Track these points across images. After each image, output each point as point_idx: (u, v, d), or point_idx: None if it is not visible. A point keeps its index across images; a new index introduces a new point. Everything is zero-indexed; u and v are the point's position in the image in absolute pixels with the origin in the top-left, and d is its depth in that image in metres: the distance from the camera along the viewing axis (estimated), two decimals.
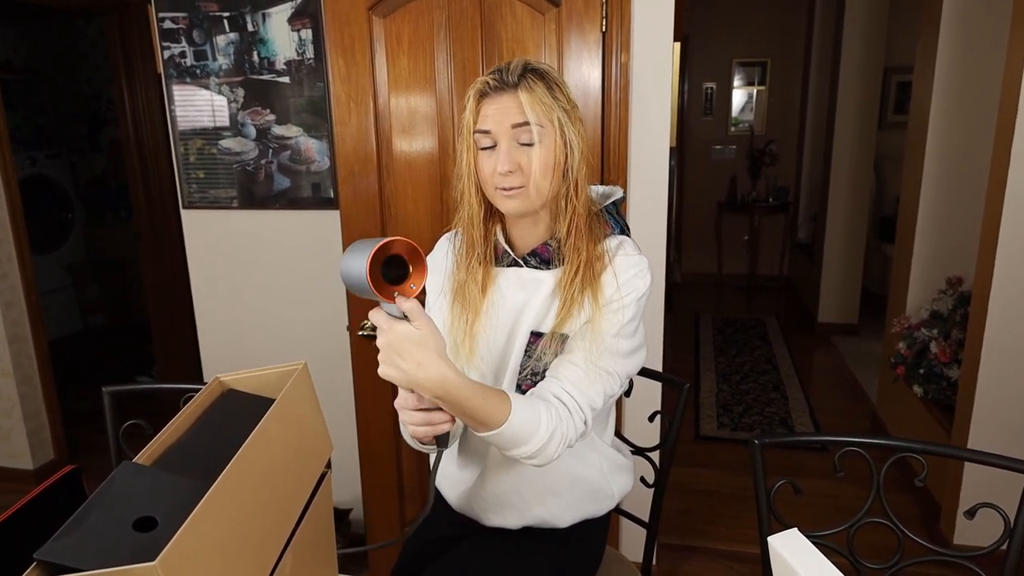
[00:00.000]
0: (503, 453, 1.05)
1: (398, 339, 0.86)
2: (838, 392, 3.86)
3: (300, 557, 0.80)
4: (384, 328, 0.87)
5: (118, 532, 0.60)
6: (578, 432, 1.07)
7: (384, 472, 2.07)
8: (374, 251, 0.80)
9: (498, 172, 1.05)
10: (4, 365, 2.90)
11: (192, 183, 2.31)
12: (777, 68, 5.74)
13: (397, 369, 0.88)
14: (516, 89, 1.04)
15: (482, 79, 1.07)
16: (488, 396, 0.96)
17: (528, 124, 1.04)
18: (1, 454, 3.02)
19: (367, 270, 0.81)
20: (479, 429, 0.98)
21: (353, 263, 0.83)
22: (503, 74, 1.06)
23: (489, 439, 1.00)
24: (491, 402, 0.96)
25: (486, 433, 0.98)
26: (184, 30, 2.18)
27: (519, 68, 1.05)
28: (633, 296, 1.10)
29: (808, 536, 1.10)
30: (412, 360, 0.87)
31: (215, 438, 0.78)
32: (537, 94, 1.04)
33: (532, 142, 1.05)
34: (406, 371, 0.88)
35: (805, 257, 5.39)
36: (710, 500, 2.77)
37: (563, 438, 1.04)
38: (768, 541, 0.73)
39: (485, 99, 1.07)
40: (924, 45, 2.90)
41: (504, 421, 0.97)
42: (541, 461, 1.04)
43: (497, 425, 0.97)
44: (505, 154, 1.05)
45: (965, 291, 2.76)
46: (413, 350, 0.87)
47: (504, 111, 1.05)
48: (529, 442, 1.01)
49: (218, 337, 2.45)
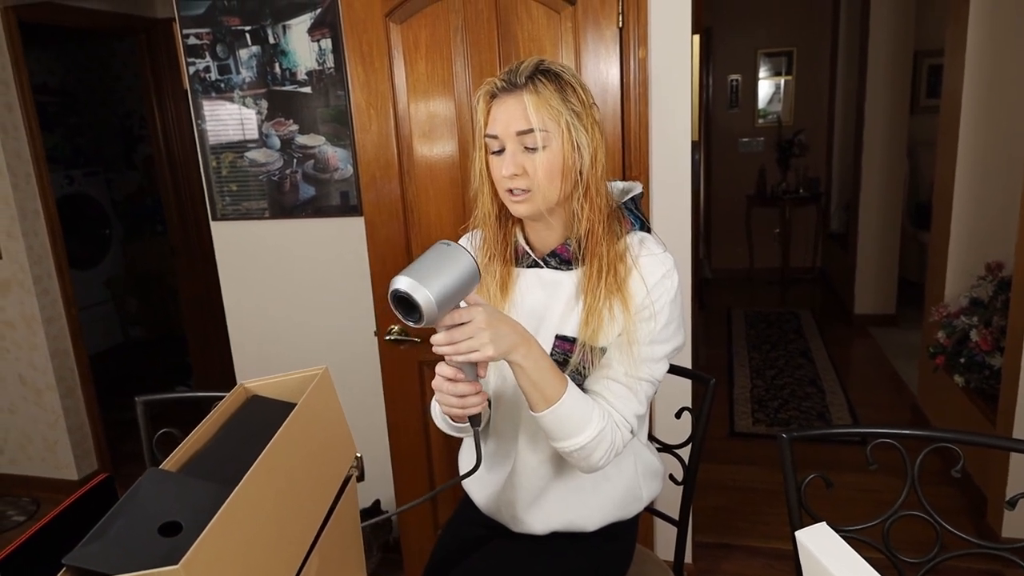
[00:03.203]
0: (553, 444, 1.08)
1: (491, 316, 0.95)
2: (877, 384, 3.77)
3: (326, 559, 0.80)
4: (467, 316, 0.94)
5: (144, 537, 0.61)
6: (625, 441, 1.10)
7: (416, 474, 2.08)
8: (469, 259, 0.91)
9: (503, 176, 1.06)
10: (48, 379, 2.99)
11: (226, 196, 2.34)
12: (803, 57, 5.64)
13: (507, 337, 0.96)
14: (523, 91, 1.03)
15: (491, 80, 1.07)
16: (553, 363, 1.04)
17: (532, 131, 1.03)
18: (47, 465, 3.11)
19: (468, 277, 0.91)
20: (539, 405, 1.03)
21: (451, 276, 0.90)
22: (513, 75, 1.05)
23: (544, 418, 1.04)
24: (556, 370, 1.04)
25: (544, 410, 1.03)
26: (208, 45, 2.22)
27: (529, 69, 1.05)
28: (665, 299, 1.10)
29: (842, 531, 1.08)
30: (511, 324, 0.98)
31: (240, 444, 0.80)
32: (544, 97, 1.03)
33: (536, 147, 1.04)
34: (511, 334, 0.97)
35: (838, 248, 5.28)
36: (747, 497, 2.73)
37: (611, 445, 1.08)
38: (796, 536, 0.71)
39: (495, 100, 1.07)
40: (954, 27, 2.83)
41: (561, 395, 1.02)
42: (589, 465, 1.08)
43: (556, 399, 1.02)
44: (510, 158, 1.05)
45: (1006, 276, 2.68)
46: (505, 318, 0.98)
47: (510, 116, 1.04)
48: (580, 434, 1.04)
49: (250, 345, 2.49)
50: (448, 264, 0.90)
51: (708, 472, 2.88)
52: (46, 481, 3.12)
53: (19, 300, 2.92)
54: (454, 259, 0.90)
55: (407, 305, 0.89)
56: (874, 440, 1.13)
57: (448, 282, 0.89)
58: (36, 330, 2.94)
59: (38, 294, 2.91)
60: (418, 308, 0.88)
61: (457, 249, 0.92)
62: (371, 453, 2.37)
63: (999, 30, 2.66)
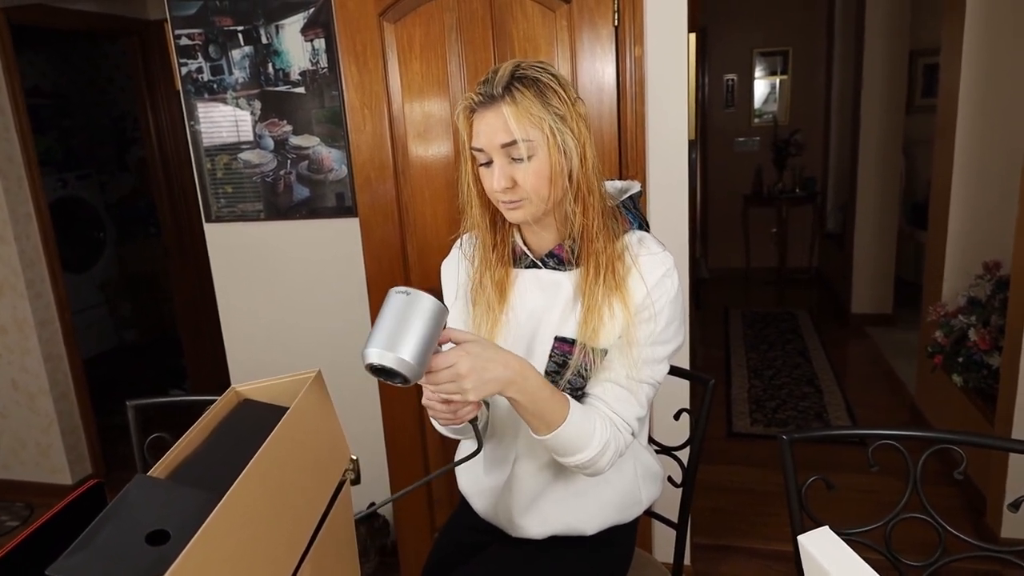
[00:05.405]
0: (559, 460, 1.08)
1: (477, 359, 0.92)
2: (875, 384, 3.77)
3: (319, 567, 0.79)
4: (449, 362, 0.91)
5: (130, 547, 0.60)
6: (627, 444, 1.11)
7: (412, 477, 2.06)
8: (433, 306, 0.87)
9: (495, 190, 1.05)
10: (41, 383, 2.96)
11: (221, 198, 2.32)
12: (799, 56, 5.64)
13: (492, 382, 0.94)
14: (501, 103, 1.01)
15: (468, 95, 1.05)
16: (553, 389, 1.02)
17: (516, 142, 1.01)
18: (41, 469, 3.08)
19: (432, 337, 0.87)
20: (540, 429, 1.03)
21: (418, 327, 0.86)
22: (489, 86, 1.02)
23: (548, 442, 1.03)
24: (556, 396, 1.02)
25: (546, 435, 1.03)
26: (200, 46, 2.21)
27: (505, 77, 1.02)
28: (664, 300, 1.09)
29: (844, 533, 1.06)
30: (498, 364, 0.94)
31: (231, 449, 0.78)
32: (524, 106, 1.00)
33: (522, 157, 1.02)
34: (498, 376, 0.94)
35: (835, 247, 5.28)
36: (745, 498, 2.72)
37: (616, 451, 1.08)
38: (798, 540, 0.70)
39: (475, 114, 1.05)
40: (950, 26, 2.82)
41: (564, 420, 1.01)
42: (594, 471, 1.09)
43: (558, 424, 1.01)
44: (500, 171, 1.04)
45: (1004, 275, 2.68)
46: (492, 356, 0.94)
47: (492, 129, 1.02)
48: (584, 450, 1.04)
49: (244, 348, 2.47)
50: (410, 315, 0.86)
51: (706, 473, 2.87)
52: (40, 486, 3.09)
53: (11, 304, 2.90)
54: (415, 307, 0.87)
55: (386, 372, 0.87)
56: (875, 441, 1.12)
57: (417, 335, 0.86)
58: (29, 334, 2.91)
59: (31, 298, 2.89)
60: (397, 373, 0.86)
61: (415, 295, 0.87)
62: (368, 456, 2.35)
63: (995, 28, 2.65)
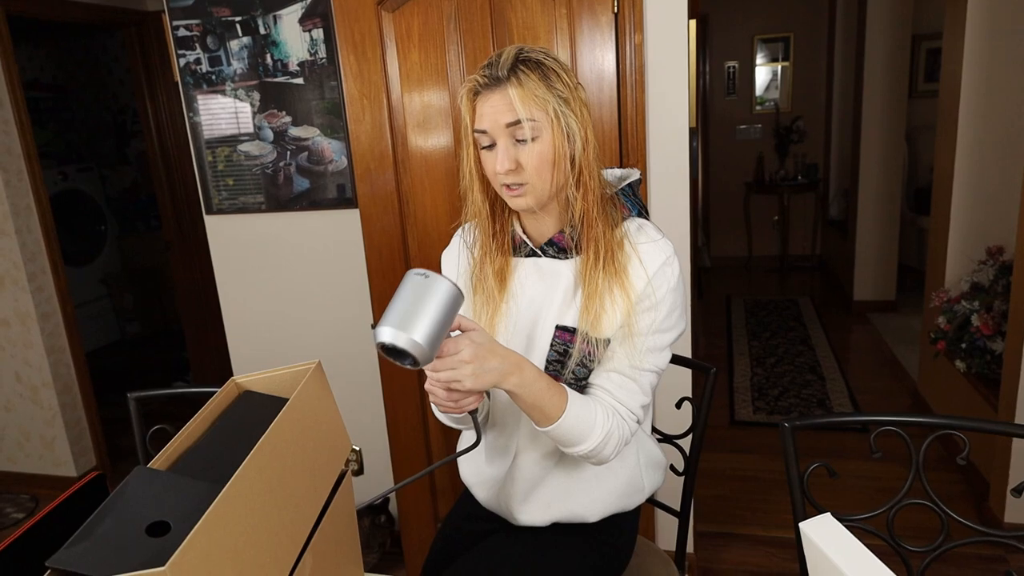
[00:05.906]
0: (563, 450, 1.10)
1: (479, 348, 0.93)
2: (877, 371, 3.76)
3: (321, 557, 0.79)
4: (454, 349, 0.92)
5: (131, 538, 0.60)
6: (632, 432, 1.12)
7: (415, 467, 2.07)
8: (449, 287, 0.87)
9: (499, 172, 1.04)
10: (44, 376, 2.97)
11: (222, 190, 2.32)
12: (801, 42, 5.60)
13: (491, 372, 0.95)
14: (507, 84, 1.01)
15: (473, 76, 1.05)
16: (550, 381, 1.03)
17: (520, 122, 1.01)
18: (46, 462, 3.10)
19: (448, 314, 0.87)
20: (541, 421, 1.04)
21: (434, 309, 0.86)
22: (494, 68, 1.03)
23: (551, 432, 1.04)
24: (554, 388, 1.03)
25: (548, 427, 1.04)
26: (198, 37, 2.19)
27: (510, 60, 1.02)
28: (666, 288, 1.09)
29: (846, 520, 1.06)
30: (496, 355, 0.95)
31: (231, 440, 0.78)
32: (529, 88, 1.00)
33: (526, 139, 1.02)
34: (496, 367, 0.95)
35: (838, 234, 5.26)
36: (748, 486, 2.73)
37: (620, 439, 1.09)
38: (800, 527, 0.70)
39: (479, 97, 1.05)
40: (952, 10, 2.80)
41: (563, 412, 1.03)
42: (599, 460, 1.10)
43: (557, 416, 1.03)
44: (503, 153, 1.03)
45: (1007, 260, 2.67)
46: (493, 347, 0.96)
47: (497, 110, 1.02)
48: (587, 440, 1.05)
49: (247, 339, 2.47)
50: (427, 297, 0.86)
51: (709, 461, 2.88)
52: (44, 478, 3.11)
53: (13, 297, 2.90)
54: (432, 290, 0.86)
55: (397, 352, 0.87)
56: (877, 428, 1.12)
57: (432, 317, 0.85)
58: (31, 327, 2.92)
59: (33, 291, 2.89)
60: (408, 354, 0.86)
61: (433, 278, 0.87)
62: (371, 447, 2.36)
63: (998, 12, 2.63)
